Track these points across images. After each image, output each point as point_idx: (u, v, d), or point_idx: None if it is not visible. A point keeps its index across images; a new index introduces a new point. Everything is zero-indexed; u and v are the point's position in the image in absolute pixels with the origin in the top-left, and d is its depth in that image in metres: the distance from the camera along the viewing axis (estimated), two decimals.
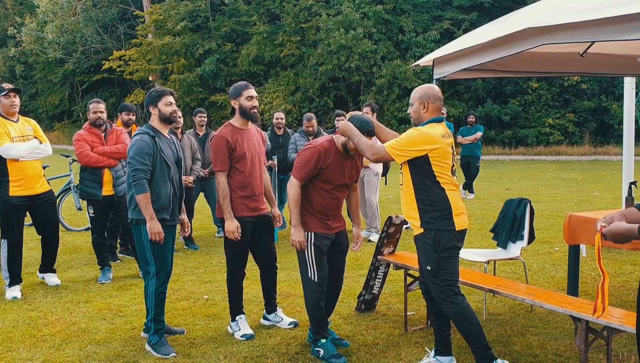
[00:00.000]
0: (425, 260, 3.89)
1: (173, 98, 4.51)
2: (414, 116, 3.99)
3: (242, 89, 4.63)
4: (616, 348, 4.31)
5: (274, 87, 26.60)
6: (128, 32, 31.90)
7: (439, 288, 3.84)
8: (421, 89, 4.00)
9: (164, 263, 4.46)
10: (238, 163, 4.54)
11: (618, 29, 3.54)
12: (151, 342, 4.44)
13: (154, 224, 4.27)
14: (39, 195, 5.90)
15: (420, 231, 3.88)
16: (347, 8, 24.76)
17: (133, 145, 4.34)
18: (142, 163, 4.28)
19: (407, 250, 7.26)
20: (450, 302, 3.82)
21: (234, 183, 4.56)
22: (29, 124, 6.02)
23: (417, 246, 3.96)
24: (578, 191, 13.15)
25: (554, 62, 5.74)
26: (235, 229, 4.48)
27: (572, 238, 5.14)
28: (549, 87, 24.55)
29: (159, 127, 4.49)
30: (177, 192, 4.55)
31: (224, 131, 4.57)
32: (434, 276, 3.85)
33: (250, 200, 4.61)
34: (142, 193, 4.26)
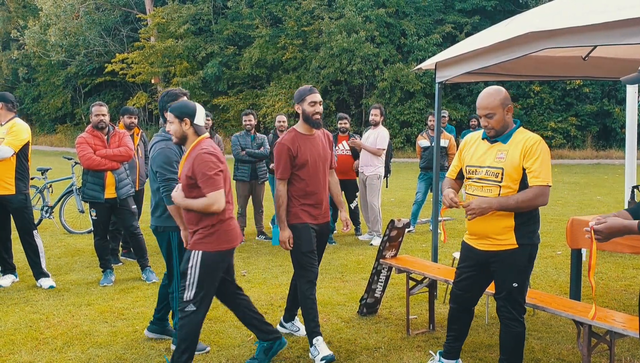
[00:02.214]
0: (513, 277, 3.58)
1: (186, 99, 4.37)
2: (498, 126, 3.54)
3: (305, 94, 4.38)
4: (619, 353, 4.30)
5: (276, 90, 26.65)
6: (131, 35, 31.97)
7: (517, 306, 3.61)
8: (497, 94, 3.54)
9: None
10: (300, 171, 4.31)
11: (620, 33, 3.54)
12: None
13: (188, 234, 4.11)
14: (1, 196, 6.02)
15: (512, 246, 3.54)
16: (350, 11, 24.81)
17: (159, 153, 4.22)
18: (172, 171, 4.16)
19: (409, 253, 7.26)
20: (520, 321, 3.63)
21: (295, 191, 4.34)
22: (8, 127, 5.99)
23: (502, 262, 3.60)
24: (580, 195, 13.13)
25: (556, 66, 5.74)
26: (287, 239, 4.30)
27: (574, 242, 5.13)
28: (551, 90, 24.57)
29: None
30: None
31: (286, 138, 4.33)
32: (518, 293, 3.60)
33: (312, 208, 4.38)
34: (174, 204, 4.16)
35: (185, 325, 3.82)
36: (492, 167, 3.55)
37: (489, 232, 3.61)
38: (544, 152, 3.46)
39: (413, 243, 8.34)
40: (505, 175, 3.49)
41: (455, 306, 3.96)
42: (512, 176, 3.48)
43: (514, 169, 3.47)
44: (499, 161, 3.53)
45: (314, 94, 4.39)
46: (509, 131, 3.58)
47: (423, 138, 9.24)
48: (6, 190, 6.00)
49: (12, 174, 6.01)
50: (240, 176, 8.36)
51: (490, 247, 3.63)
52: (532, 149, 3.45)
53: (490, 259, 3.66)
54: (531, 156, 3.44)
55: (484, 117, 3.57)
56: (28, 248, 6.25)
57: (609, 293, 5.85)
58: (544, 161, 3.44)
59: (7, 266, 6.39)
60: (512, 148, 3.51)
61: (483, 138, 3.70)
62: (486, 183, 3.57)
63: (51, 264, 7.12)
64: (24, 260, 6.52)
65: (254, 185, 8.47)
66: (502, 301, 3.65)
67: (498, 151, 3.56)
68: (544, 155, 3.45)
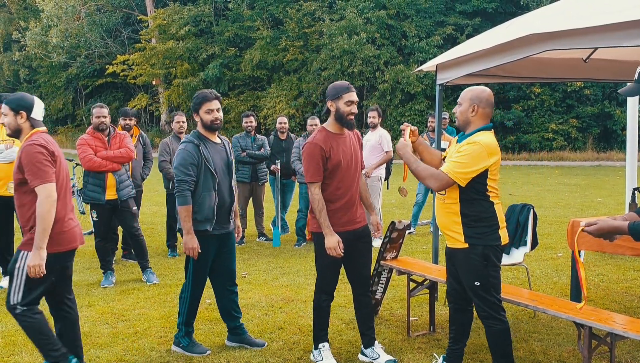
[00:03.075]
0: (473, 276, 3.65)
1: (218, 102, 4.32)
2: (461, 118, 3.70)
3: (342, 92, 4.04)
4: (619, 355, 4.30)
5: (277, 92, 26.67)
6: (132, 36, 32.02)
7: (489, 304, 3.65)
8: (474, 90, 3.70)
9: (203, 271, 4.42)
10: (331, 173, 4.05)
11: (621, 35, 3.54)
12: (182, 344, 4.45)
13: (190, 239, 4.21)
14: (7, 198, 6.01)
15: (463, 245, 3.64)
16: (350, 13, 24.83)
17: (177, 155, 4.25)
18: (186, 173, 4.18)
19: (410, 255, 7.26)
20: (497, 319, 3.66)
21: (324, 195, 4.07)
22: None
23: (458, 260, 3.72)
24: (581, 197, 13.13)
25: (557, 68, 5.74)
26: (337, 244, 4.01)
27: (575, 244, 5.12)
28: (552, 92, 24.57)
29: (205, 133, 4.35)
30: (226, 199, 4.39)
31: (318, 138, 4.05)
32: (485, 292, 3.64)
33: (344, 213, 4.12)
34: (184, 205, 4.19)
35: (26, 327, 3.83)
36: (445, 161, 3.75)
37: (441, 225, 3.77)
38: (471, 154, 3.51)
39: (414, 244, 8.34)
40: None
41: (451, 305, 4.03)
42: None
43: None
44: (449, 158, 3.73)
45: (352, 92, 4.06)
46: (470, 131, 3.68)
47: (423, 139, 9.22)
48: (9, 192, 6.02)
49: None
50: (241, 177, 8.36)
51: (449, 244, 3.77)
52: (461, 147, 3.59)
53: (451, 256, 3.80)
54: (460, 150, 3.59)
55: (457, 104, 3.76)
56: None
57: (610, 295, 5.85)
58: (464, 158, 3.52)
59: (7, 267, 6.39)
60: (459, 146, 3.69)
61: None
62: None
63: None
64: None
65: (255, 186, 8.47)
66: (474, 300, 3.74)
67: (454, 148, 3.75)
68: (469, 155, 3.51)
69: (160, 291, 6.09)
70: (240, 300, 5.75)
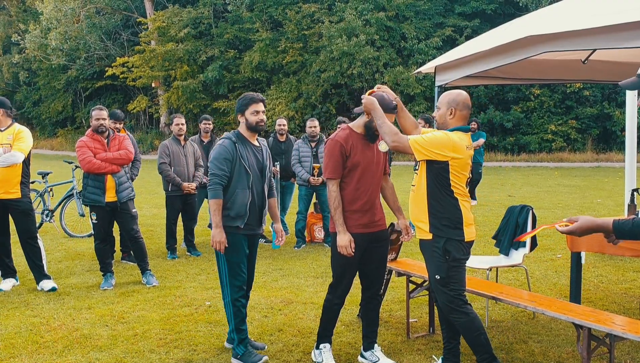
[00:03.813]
0: (434, 269, 3.78)
1: (263, 105, 4.35)
2: (439, 121, 3.84)
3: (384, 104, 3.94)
4: (619, 356, 4.30)
5: (277, 94, 26.67)
6: (131, 39, 32.03)
7: (449, 298, 3.75)
8: (450, 94, 3.82)
9: (237, 271, 4.32)
10: (351, 172, 4.05)
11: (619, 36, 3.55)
12: (238, 354, 4.32)
13: (218, 232, 4.19)
14: (6, 201, 6.08)
15: (428, 236, 3.78)
16: (350, 15, 24.85)
17: (214, 149, 4.32)
18: (219, 167, 4.21)
19: (410, 256, 7.25)
20: (460, 312, 3.75)
21: (344, 194, 4.06)
22: (13, 133, 6.08)
23: (425, 253, 3.85)
24: (580, 198, 13.13)
25: (556, 69, 5.75)
26: (348, 243, 3.98)
27: (574, 245, 5.13)
28: (551, 94, 24.58)
29: (245, 134, 4.37)
30: (257, 201, 4.37)
31: (340, 135, 4.07)
32: (443, 286, 3.75)
33: (361, 215, 4.08)
34: (214, 199, 4.19)
35: None
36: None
37: (413, 214, 3.88)
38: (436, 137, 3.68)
39: (413, 246, 8.33)
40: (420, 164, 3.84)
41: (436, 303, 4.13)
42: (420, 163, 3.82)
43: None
44: None
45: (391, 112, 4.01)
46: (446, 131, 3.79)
47: None
48: (13, 194, 6.09)
49: (18, 179, 6.11)
50: None
51: (419, 235, 3.88)
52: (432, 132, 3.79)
53: (421, 249, 3.91)
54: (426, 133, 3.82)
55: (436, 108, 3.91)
56: (30, 252, 6.27)
57: (609, 296, 5.85)
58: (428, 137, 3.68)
59: (8, 270, 6.40)
60: None
61: None
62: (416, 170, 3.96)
63: (52, 268, 7.12)
64: (24, 264, 6.53)
65: None
66: (435, 295, 3.87)
67: None
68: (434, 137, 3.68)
69: (159, 294, 6.09)
70: None
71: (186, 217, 7.97)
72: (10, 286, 6.32)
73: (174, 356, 4.45)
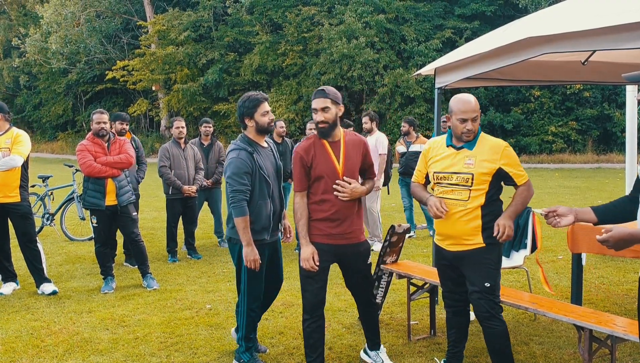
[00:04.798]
0: (485, 277, 3.67)
1: (267, 103, 4.18)
2: (475, 129, 3.67)
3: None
4: (620, 358, 4.29)
5: (277, 97, 26.68)
6: (131, 42, 32.07)
7: (492, 305, 3.67)
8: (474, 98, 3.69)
9: (257, 283, 4.21)
10: (315, 183, 3.90)
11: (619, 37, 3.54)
12: (242, 360, 4.27)
13: (251, 251, 4.00)
14: (5, 204, 6.08)
15: (480, 246, 3.67)
16: (350, 17, 24.87)
17: (230, 163, 4.05)
18: (241, 183, 3.99)
19: (410, 258, 7.25)
20: (499, 320, 3.68)
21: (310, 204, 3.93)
22: (11, 137, 6.09)
23: (470, 262, 3.71)
24: (581, 199, 13.12)
25: (556, 71, 5.74)
26: (310, 256, 3.82)
27: (575, 247, 5.13)
28: (551, 95, 24.58)
29: (255, 138, 4.18)
30: (277, 206, 4.24)
31: (302, 145, 3.95)
32: (490, 293, 3.67)
33: (329, 224, 3.89)
34: (241, 216, 3.97)
35: None
36: (461, 173, 3.69)
37: (458, 233, 3.73)
38: (514, 153, 3.72)
39: (414, 248, 8.33)
40: (475, 179, 3.66)
41: (449, 309, 4.03)
42: (481, 180, 3.65)
43: (484, 174, 3.65)
44: (468, 166, 3.68)
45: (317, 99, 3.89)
46: (475, 137, 3.72)
47: (400, 143, 9.38)
48: (12, 198, 6.09)
49: (17, 182, 6.11)
50: None
51: (458, 247, 3.75)
52: (507, 154, 3.67)
53: (458, 259, 3.78)
54: (508, 159, 3.67)
55: (471, 121, 3.64)
56: (30, 255, 6.27)
57: (610, 297, 5.84)
58: (518, 160, 3.72)
59: (8, 274, 6.40)
60: (479, 154, 3.68)
61: (448, 145, 3.80)
62: (457, 188, 3.72)
63: (52, 271, 7.12)
64: (24, 268, 6.52)
65: None
66: (477, 302, 3.72)
67: (465, 158, 3.71)
68: (515, 155, 3.72)
69: (160, 297, 6.08)
70: None
71: (187, 220, 7.97)
72: (11, 290, 6.32)
73: (174, 359, 4.45)
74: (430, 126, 23.43)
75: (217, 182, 8.41)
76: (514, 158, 3.69)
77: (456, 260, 3.80)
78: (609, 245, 2.69)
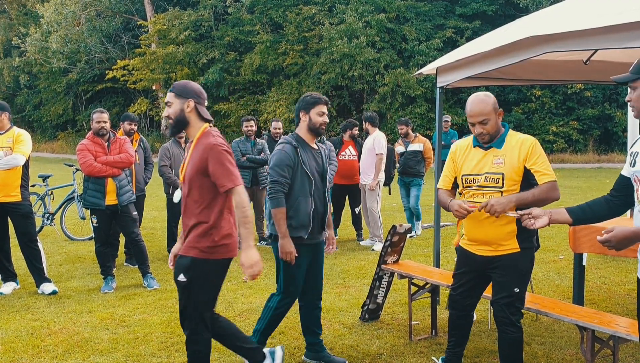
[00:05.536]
0: (516, 282, 3.56)
1: (326, 108, 4.16)
2: (492, 131, 3.56)
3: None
4: (622, 358, 4.28)
5: (277, 96, 26.67)
6: (132, 41, 32.06)
7: (515, 311, 3.57)
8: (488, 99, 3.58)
9: (293, 282, 4.12)
10: None
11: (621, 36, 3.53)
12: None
13: (286, 242, 3.95)
14: (6, 204, 6.09)
15: (515, 251, 3.56)
16: (350, 17, 24.85)
17: (274, 155, 4.07)
18: (281, 174, 3.98)
19: (411, 259, 7.24)
20: (518, 326, 3.59)
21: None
22: (13, 136, 6.12)
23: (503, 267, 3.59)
24: (582, 199, 13.09)
25: (557, 70, 5.73)
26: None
27: (577, 247, 5.12)
28: (552, 95, 24.57)
29: (305, 136, 4.16)
30: (319, 208, 4.15)
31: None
32: (517, 299, 3.57)
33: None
34: (277, 207, 3.95)
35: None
36: (491, 173, 3.56)
37: (493, 238, 3.59)
38: (542, 151, 3.55)
39: (415, 248, 8.32)
40: (506, 179, 3.51)
41: (455, 312, 3.95)
42: (513, 179, 3.51)
43: (514, 173, 3.50)
44: (498, 166, 3.55)
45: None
46: (501, 135, 3.61)
47: (399, 144, 9.36)
48: (13, 197, 6.10)
49: (18, 182, 6.13)
50: None
51: (491, 253, 3.63)
52: (533, 151, 3.51)
53: (490, 264, 3.65)
54: (533, 156, 3.50)
55: (478, 124, 3.57)
56: (30, 255, 6.26)
57: (612, 297, 5.83)
58: (544, 158, 3.53)
59: (8, 274, 6.39)
60: (508, 152, 3.54)
61: (475, 146, 3.69)
62: (487, 190, 3.57)
63: (52, 271, 7.11)
64: (24, 267, 6.51)
65: (255, 191, 8.46)
66: (501, 306, 3.61)
67: (494, 157, 3.58)
68: (543, 153, 3.54)
69: (160, 297, 6.07)
70: (241, 304, 5.76)
71: None
72: (11, 289, 6.31)
73: (175, 360, 4.43)
74: (431, 125, 23.42)
75: None
76: (539, 155, 3.50)
77: (487, 264, 3.66)
78: (610, 245, 2.64)
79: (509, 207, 3.43)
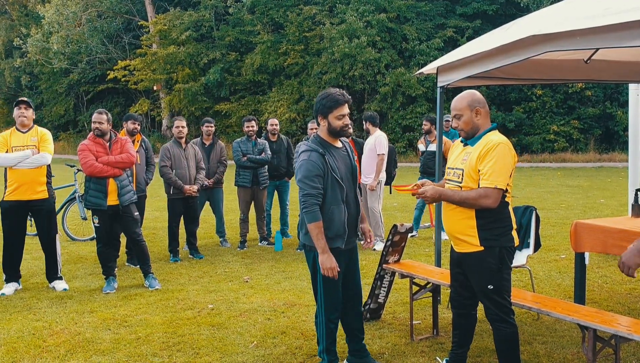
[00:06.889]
0: (486, 279, 3.58)
1: (347, 107, 3.93)
2: (467, 128, 3.62)
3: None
4: (624, 357, 4.27)
5: (278, 96, 26.69)
6: (133, 42, 32.10)
7: (500, 307, 3.60)
8: (467, 96, 3.64)
9: (335, 292, 3.96)
10: None
11: (622, 35, 3.53)
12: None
13: (327, 258, 3.75)
14: (32, 201, 6.20)
15: (478, 249, 3.58)
16: (351, 17, 24.86)
17: (300, 166, 3.82)
18: (312, 186, 3.76)
19: (413, 258, 7.24)
20: (508, 322, 3.61)
21: None
22: (37, 134, 6.26)
23: (470, 264, 3.66)
24: (584, 198, 13.10)
25: (558, 69, 5.73)
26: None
27: (578, 246, 5.11)
28: (553, 94, 24.56)
29: (328, 138, 3.95)
30: (353, 213, 3.97)
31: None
32: (497, 295, 3.59)
33: None
34: (314, 222, 3.74)
35: None
36: (456, 168, 3.69)
37: (454, 231, 3.70)
38: (501, 156, 3.45)
39: (416, 247, 8.32)
40: (465, 176, 3.59)
41: (455, 311, 3.99)
42: (471, 177, 3.56)
43: (472, 170, 3.56)
44: (463, 162, 3.64)
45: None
46: (480, 133, 3.64)
47: (421, 142, 9.36)
48: (41, 194, 6.25)
49: (44, 179, 6.28)
50: (242, 182, 8.37)
51: (459, 249, 3.72)
52: (487, 153, 3.49)
53: (462, 263, 3.75)
54: (485, 158, 3.49)
55: (453, 118, 3.70)
56: (52, 251, 6.43)
57: (614, 296, 5.82)
58: (497, 163, 3.44)
59: (13, 275, 6.38)
60: (474, 150, 3.60)
61: (461, 141, 3.81)
62: (451, 183, 3.70)
63: None
64: (27, 268, 6.53)
65: (256, 191, 8.46)
66: (486, 305, 3.67)
67: (465, 153, 3.67)
68: (499, 158, 3.45)
69: (162, 297, 6.07)
70: (243, 304, 5.76)
71: (188, 220, 7.97)
72: (13, 290, 6.32)
73: (176, 360, 4.44)
74: None
75: (218, 182, 8.42)
76: (493, 159, 3.44)
77: (460, 261, 3.78)
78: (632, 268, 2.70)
79: (433, 199, 3.64)
